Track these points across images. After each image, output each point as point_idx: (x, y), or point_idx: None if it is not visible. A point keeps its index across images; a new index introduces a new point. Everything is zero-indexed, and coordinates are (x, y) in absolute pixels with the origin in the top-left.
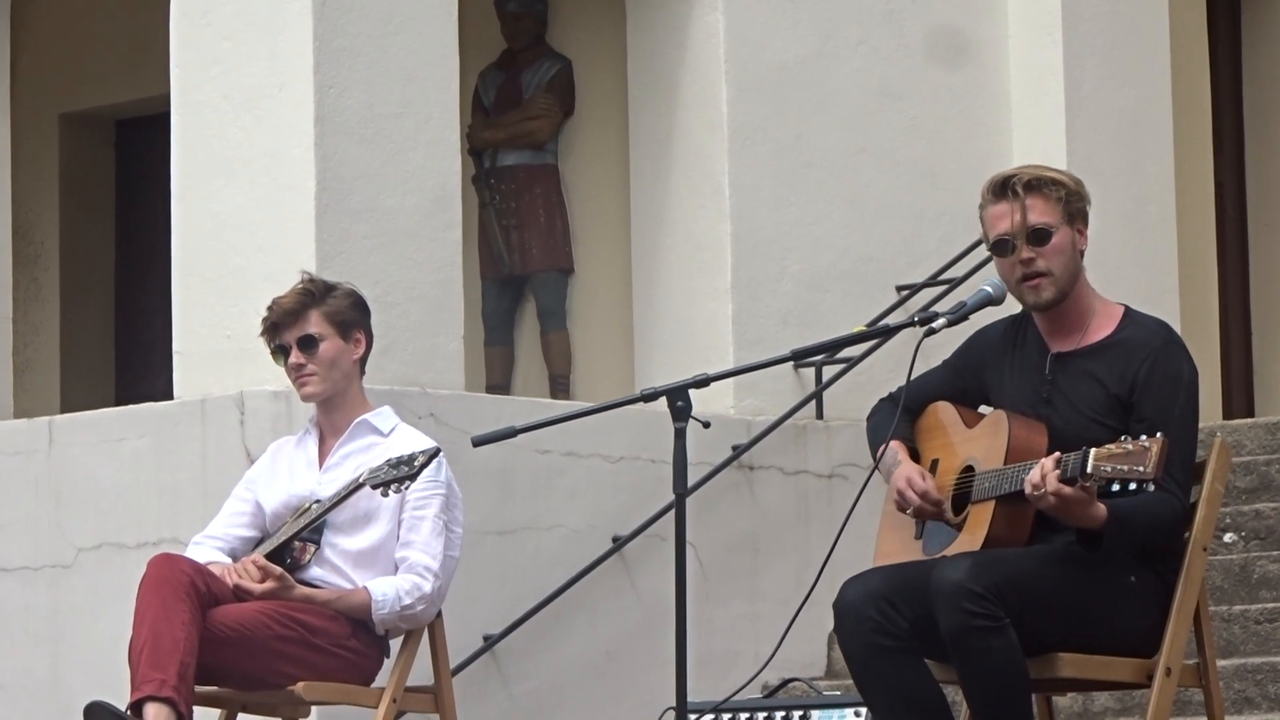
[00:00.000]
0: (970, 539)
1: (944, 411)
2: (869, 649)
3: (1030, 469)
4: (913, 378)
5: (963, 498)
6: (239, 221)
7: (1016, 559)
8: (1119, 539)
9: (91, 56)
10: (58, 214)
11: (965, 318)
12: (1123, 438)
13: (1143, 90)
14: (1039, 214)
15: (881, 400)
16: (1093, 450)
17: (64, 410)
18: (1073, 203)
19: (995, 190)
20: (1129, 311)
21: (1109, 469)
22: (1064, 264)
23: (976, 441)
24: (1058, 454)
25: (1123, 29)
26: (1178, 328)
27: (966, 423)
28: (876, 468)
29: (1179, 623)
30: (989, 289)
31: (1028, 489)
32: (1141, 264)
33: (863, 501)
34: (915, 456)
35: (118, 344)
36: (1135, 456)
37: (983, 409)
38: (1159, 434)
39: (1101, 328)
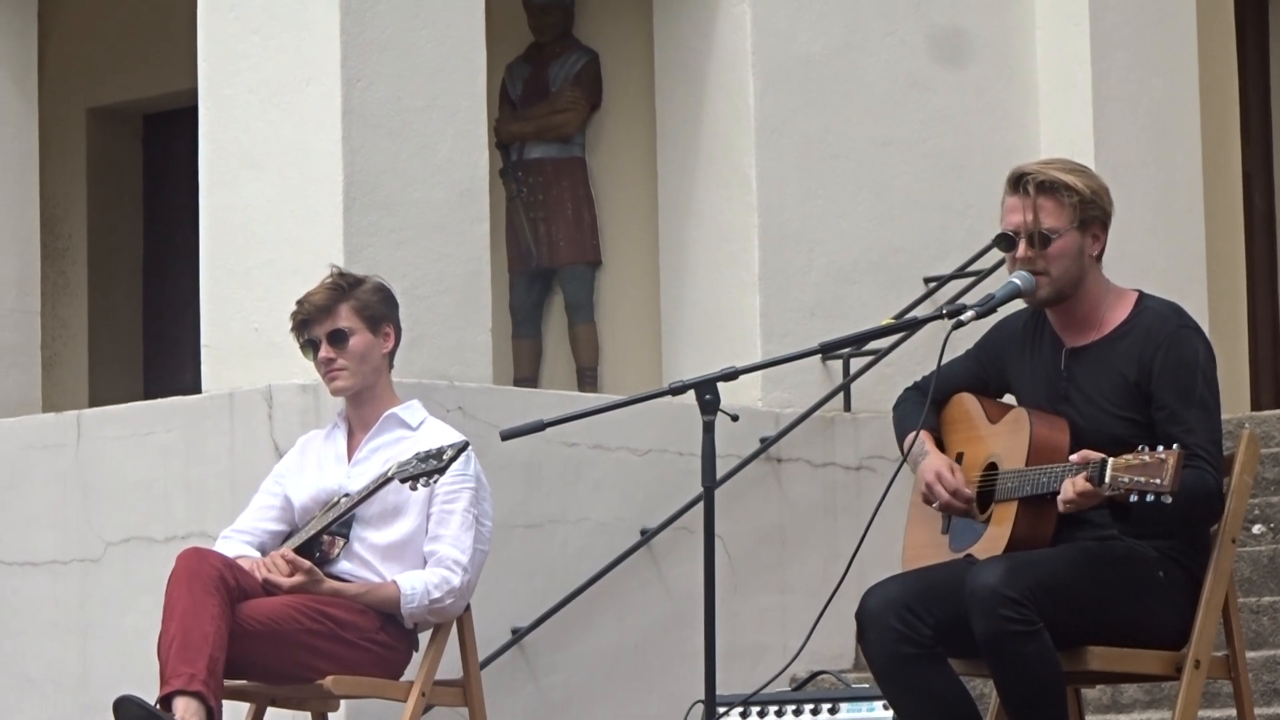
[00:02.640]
0: (995, 538)
1: (968, 402)
2: (893, 658)
3: (1053, 474)
4: (925, 374)
5: (986, 495)
6: (266, 215)
7: (1047, 561)
8: (1149, 514)
9: (119, 50)
10: (86, 208)
11: (993, 310)
12: (1140, 448)
13: (1170, 81)
14: (1046, 215)
15: (907, 389)
16: (1110, 460)
17: (92, 404)
18: (1086, 209)
19: (1011, 183)
20: (1142, 296)
21: (1127, 480)
22: (1064, 267)
23: (999, 438)
24: (1085, 474)
25: (1150, 20)
26: (1205, 319)
27: (990, 416)
28: (905, 457)
29: (1208, 615)
30: (1017, 281)
31: (1062, 508)
32: (1169, 255)
33: (891, 494)
34: (940, 447)
35: (146, 338)
36: (1153, 468)
37: (1007, 398)
38: (1176, 445)
39: (1115, 317)
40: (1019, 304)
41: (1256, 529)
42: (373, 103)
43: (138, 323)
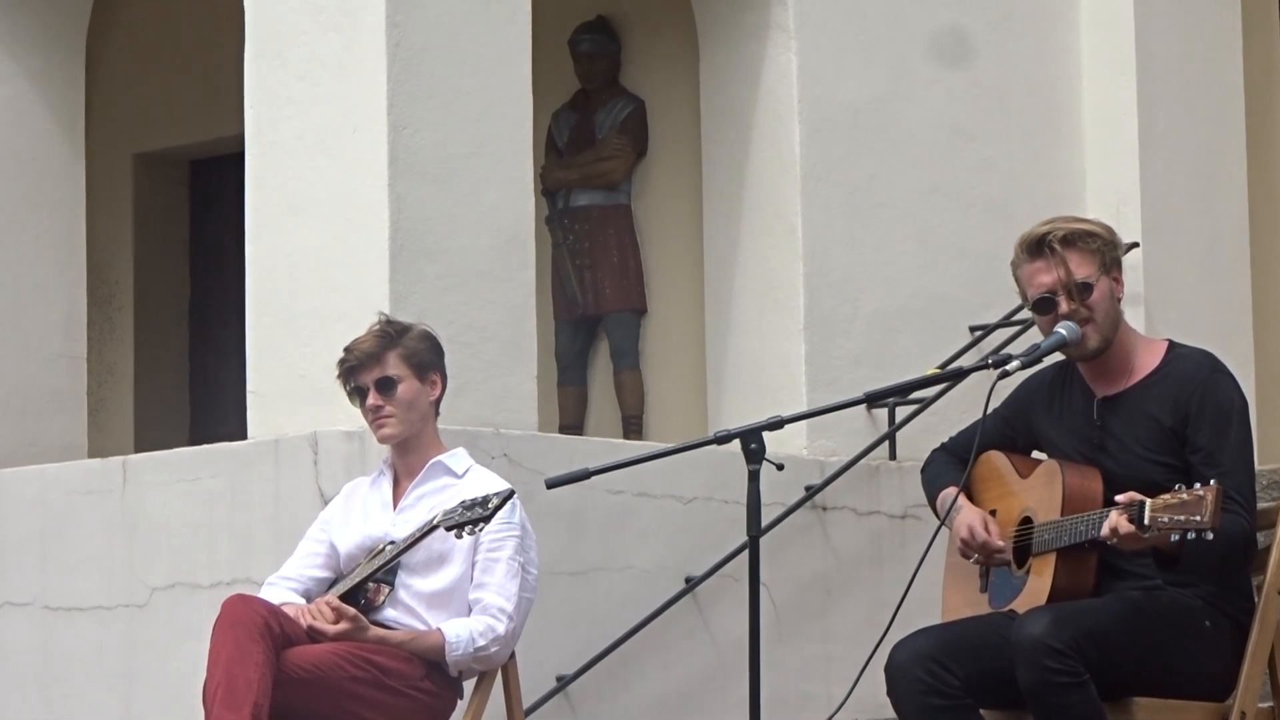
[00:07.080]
0: (1036, 591)
1: (997, 460)
2: (922, 710)
3: (1090, 520)
4: (962, 428)
5: (1023, 549)
6: (312, 261)
7: (1093, 611)
8: (1195, 559)
9: (166, 97)
10: (132, 253)
11: (1039, 360)
12: (1177, 486)
13: (1216, 130)
14: (1078, 267)
15: (935, 450)
16: (1149, 502)
17: (138, 450)
18: (1107, 252)
19: (1030, 249)
20: (1173, 345)
21: (1166, 519)
22: (1105, 312)
23: (1032, 491)
24: (1122, 508)
25: (1196, 69)
26: (1251, 368)
27: (1020, 471)
28: (942, 519)
29: (1253, 667)
30: (1064, 331)
31: (1103, 530)
32: (1215, 304)
33: (936, 543)
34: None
35: (192, 383)
36: (1191, 506)
37: (1036, 454)
38: (1213, 481)
39: (1146, 364)
40: (1043, 363)
41: None
42: (419, 150)
43: (184, 368)
